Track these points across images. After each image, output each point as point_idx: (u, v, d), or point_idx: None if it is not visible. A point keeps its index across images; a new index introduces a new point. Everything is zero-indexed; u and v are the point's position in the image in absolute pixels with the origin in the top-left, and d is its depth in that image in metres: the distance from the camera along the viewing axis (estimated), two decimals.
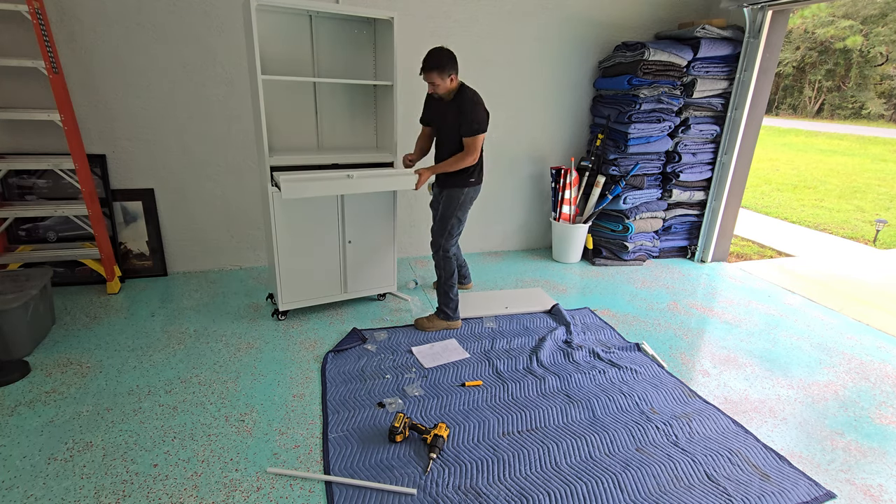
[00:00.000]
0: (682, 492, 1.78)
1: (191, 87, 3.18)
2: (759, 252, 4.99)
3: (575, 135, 4.23)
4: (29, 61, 2.62)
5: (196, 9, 3.05)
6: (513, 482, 1.80)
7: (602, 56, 4.04)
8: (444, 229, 2.75)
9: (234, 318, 2.92)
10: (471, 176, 2.68)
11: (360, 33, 2.89)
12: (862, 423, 2.24)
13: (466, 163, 2.58)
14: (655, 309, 3.30)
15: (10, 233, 3.11)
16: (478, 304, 3.17)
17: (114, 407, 2.11)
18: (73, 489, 1.69)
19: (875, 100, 22.79)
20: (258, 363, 2.48)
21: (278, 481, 1.77)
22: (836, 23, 21.09)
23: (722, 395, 2.39)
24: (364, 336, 2.73)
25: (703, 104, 3.89)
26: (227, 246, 3.59)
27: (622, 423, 2.13)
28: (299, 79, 2.65)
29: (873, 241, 5.74)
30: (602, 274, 3.90)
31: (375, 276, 3.09)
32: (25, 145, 2.99)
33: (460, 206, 2.71)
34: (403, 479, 1.79)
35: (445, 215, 2.74)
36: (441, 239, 2.76)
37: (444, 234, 2.76)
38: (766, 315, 3.31)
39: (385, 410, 2.15)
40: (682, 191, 4.08)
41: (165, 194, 3.35)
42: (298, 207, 2.72)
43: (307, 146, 3.00)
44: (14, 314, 2.33)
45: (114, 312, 2.92)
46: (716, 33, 3.67)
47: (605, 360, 2.61)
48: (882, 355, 2.86)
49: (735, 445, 2.03)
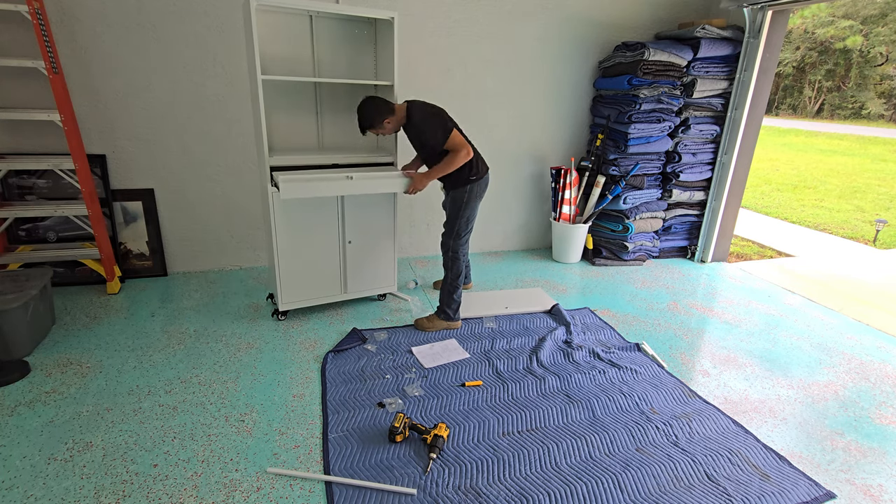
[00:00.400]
0: (682, 492, 1.78)
1: (191, 87, 3.18)
2: (759, 252, 4.99)
3: (575, 135, 4.23)
4: (29, 61, 2.62)
5: (196, 9, 3.05)
6: (513, 482, 1.80)
7: (602, 56, 4.04)
8: (451, 230, 2.76)
9: (234, 318, 2.92)
10: (470, 174, 2.66)
11: (360, 33, 2.89)
12: (862, 423, 2.24)
13: (458, 160, 2.53)
14: (655, 309, 3.30)
15: (10, 233, 3.11)
16: (478, 304, 3.17)
17: (114, 407, 2.11)
18: (73, 489, 1.69)
19: (875, 100, 22.79)
20: (258, 363, 2.48)
21: (278, 481, 1.77)
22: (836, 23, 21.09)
23: (722, 395, 2.39)
24: (364, 336, 2.73)
25: (703, 104, 3.89)
26: (227, 246, 3.59)
27: (622, 423, 2.13)
28: (300, 79, 2.64)
29: (873, 241, 5.74)
30: (602, 274, 3.90)
31: (375, 276, 3.09)
32: (25, 145, 2.99)
33: (465, 205, 2.69)
34: (403, 479, 1.79)
35: (452, 216, 2.75)
36: (450, 240, 2.78)
37: (452, 235, 2.77)
38: (766, 315, 3.31)
39: (385, 410, 2.15)
40: (682, 191, 4.08)
41: (165, 194, 3.35)
42: (298, 207, 2.72)
43: (308, 146, 3.00)
44: (14, 314, 2.33)
45: (114, 312, 2.92)
46: (716, 33, 3.67)
47: (605, 361, 2.61)
48: (882, 355, 2.86)
49: (735, 445, 2.03)
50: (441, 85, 3.68)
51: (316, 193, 2.51)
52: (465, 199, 2.69)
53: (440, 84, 3.68)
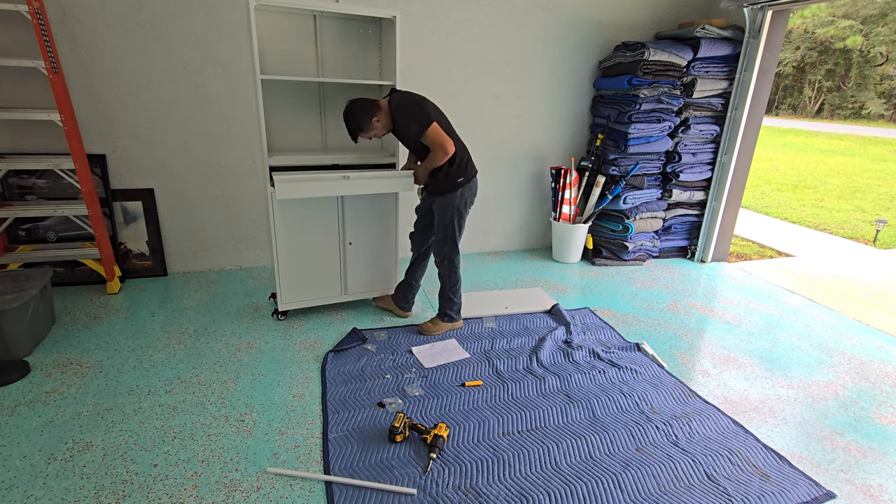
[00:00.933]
0: (682, 492, 1.78)
1: (191, 87, 3.18)
2: (759, 252, 4.99)
3: (575, 135, 4.23)
4: (29, 61, 2.62)
5: (196, 9, 3.05)
6: (513, 482, 1.80)
7: (602, 56, 4.04)
8: (446, 237, 2.63)
9: (234, 318, 2.92)
10: (457, 175, 2.51)
11: (365, 33, 2.88)
12: (862, 423, 2.24)
13: (442, 154, 2.40)
14: (655, 309, 3.30)
15: (10, 233, 3.11)
16: (478, 304, 3.17)
17: (114, 407, 2.11)
18: (73, 489, 1.69)
19: (875, 100, 22.79)
20: (258, 363, 2.48)
21: (278, 481, 1.77)
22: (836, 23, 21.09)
23: (722, 395, 2.39)
24: (364, 336, 2.73)
25: (703, 104, 3.89)
26: (227, 246, 3.59)
27: (622, 423, 2.13)
28: (300, 78, 2.64)
29: (873, 241, 5.74)
30: (602, 274, 3.90)
31: (376, 277, 3.09)
32: (25, 145, 2.99)
33: (456, 210, 2.56)
34: (403, 479, 1.79)
35: (443, 223, 2.61)
36: (444, 248, 2.66)
37: (447, 244, 2.64)
38: (766, 315, 3.31)
39: (385, 410, 2.15)
40: (682, 191, 4.08)
41: (165, 194, 3.35)
42: (298, 208, 2.71)
43: (312, 146, 2.99)
44: (14, 314, 2.33)
45: (114, 312, 2.92)
46: (716, 33, 3.67)
47: (605, 360, 2.61)
48: (882, 355, 2.86)
49: (735, 445, 2.03)
50: (441, 85, 3.68)
51: (312, 193, 2.51)
52: (455, 204, 2.54)
53: (440, 84, 3.68)
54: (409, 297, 2.98)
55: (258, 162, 3.44)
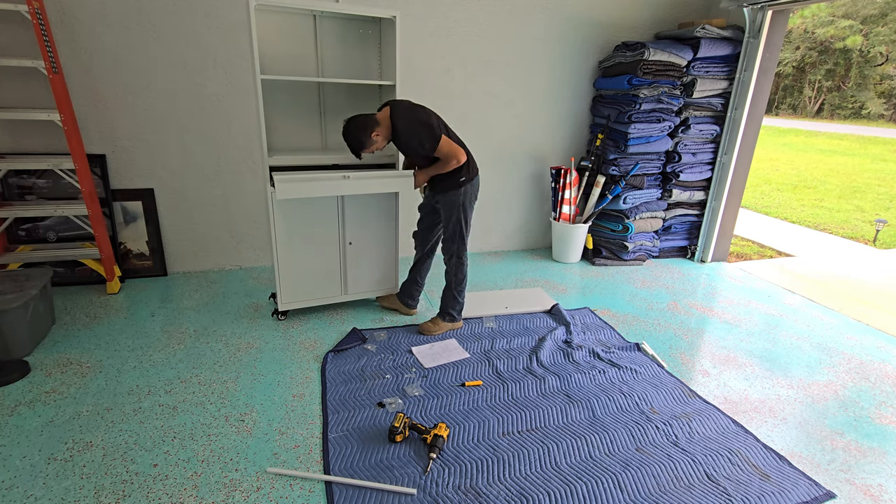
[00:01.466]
0: (682, 492, 1.78)
1: (191, 87, 3.18)
2: (759, 252, 4.99)
3: (575, 135, 4.23)
4: (29, 61, 2.62)
5: (196, 9, 3.05)
6: (513, 482, 1.80)
7: (602, 56, 4.04)
8: (455, 234, 2.68)
9: (234, 318, 2.92)
10: (461, 175, 2.56)
11: (365, 33, 2.88)
12: (862, 423, 2.24)
13: (455, 163, 2.49)
14: (655, 309, 3.30)
15: (10, 233, 3.11)
16: (478, 304, 3.17)
17: (114, 407, 2.11)
18: (73, 489, 1.69)
19: (875, 100, 22.79)
20: (258, 363, 2.48)
21: (278, 481, 1.77)
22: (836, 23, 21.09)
23: (722, 395, 2.39)
24: (364, 336, 2.73)
25: (703, 104, 3.89)
26: (227, 246, 3.59)
27: (622, 423, 2.13)
28: (301, 78, 2.64)
29: (873, 241, 5.74)
30: (602, 274, 3.90)
31: (377, 277, 3.09)
32: (25, 145, 2.99)
33: (462, 207, 2.62)
34: (403, 479, 1.79)
35: (450, 220, 2.66)
36: (453, 245, 2.70)
37: (455, 240, 2.69)
38: (766, 315, 3.31)
39: (385, 410, 2.15)
40: (682, 191, 4.08)
41: (165, 194, 3.35)
42: (298, 208, 2.72)
43: (312, 146, 2.99)
44: (14, 314, 2.33)
45: (114, 312, 2.92)
46: (716, 33, 3.67)
47: (605, 360, 2.61)
48: (882, 355, 2.86)
49: (735, 445, 2.03)
50: (441, 85, 3.68)
51: (312, 193, 2.51)
52: (460, 201, 2.60)
53: (440, 84, 3.68)
54: (414, 294, 3.02)
55: (258, 162, 3.44)
